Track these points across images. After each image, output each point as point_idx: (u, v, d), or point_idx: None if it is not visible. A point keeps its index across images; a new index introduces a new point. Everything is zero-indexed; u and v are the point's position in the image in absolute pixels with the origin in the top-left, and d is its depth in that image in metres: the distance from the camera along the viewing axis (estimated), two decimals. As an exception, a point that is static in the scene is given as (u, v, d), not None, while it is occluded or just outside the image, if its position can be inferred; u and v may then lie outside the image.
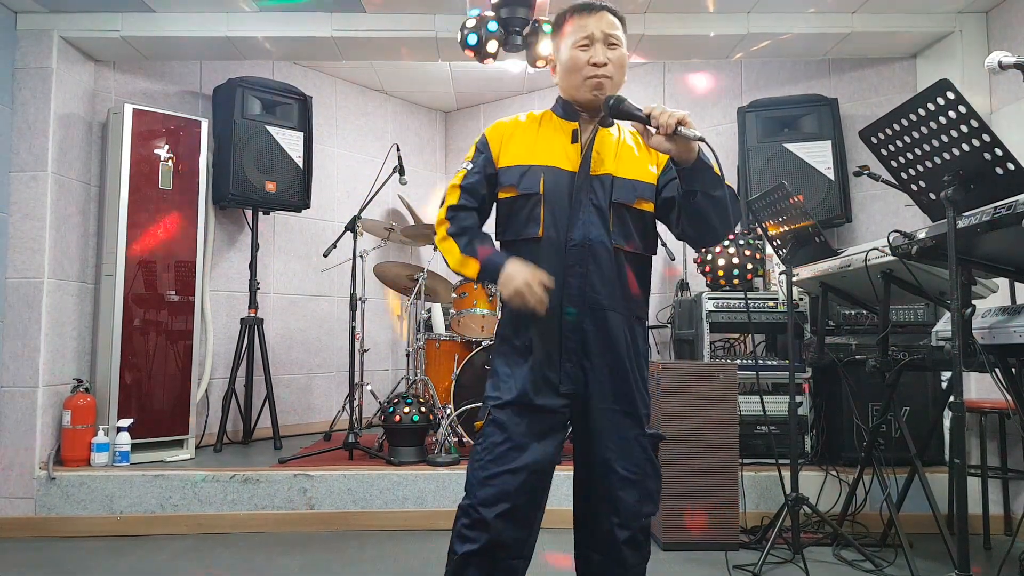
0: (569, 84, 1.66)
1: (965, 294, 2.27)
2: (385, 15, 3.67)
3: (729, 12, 3.64)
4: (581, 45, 1.62)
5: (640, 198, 1.64)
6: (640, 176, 1.66)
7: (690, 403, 2.97)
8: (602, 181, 1.63)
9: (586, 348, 1.61)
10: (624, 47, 1.65)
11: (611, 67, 1.61)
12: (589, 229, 1.61)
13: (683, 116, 1.43)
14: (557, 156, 1.65)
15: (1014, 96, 3.39)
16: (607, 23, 1.63)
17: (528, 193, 1.64)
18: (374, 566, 2.83)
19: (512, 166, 1.68)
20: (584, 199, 1.62)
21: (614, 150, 1.66)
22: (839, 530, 2.90)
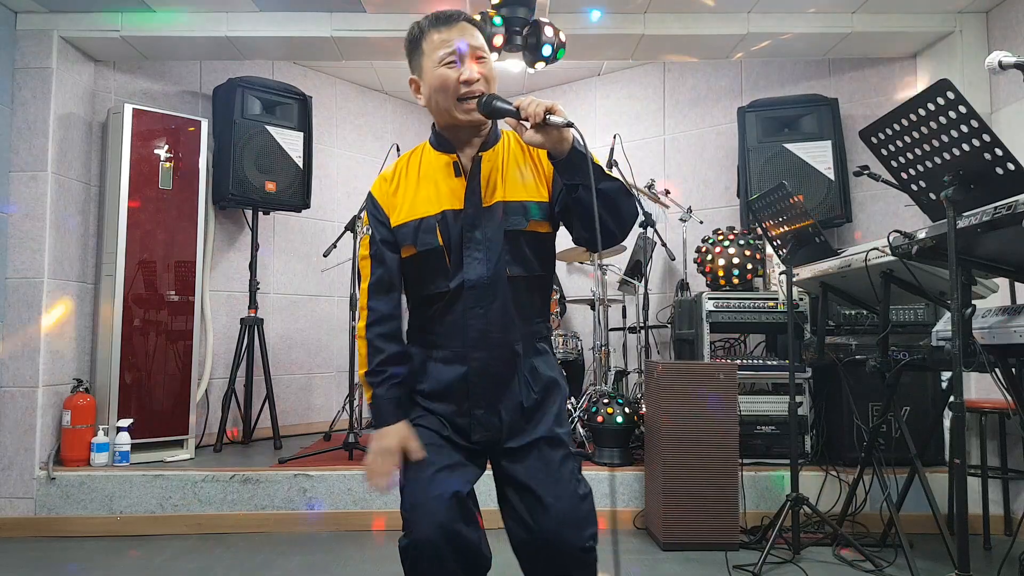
0: (440, 106, 1.51)
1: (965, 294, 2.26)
2: (385, 15, 3.67)
3: (729, 12, 3.64)
4: (447, 62, 1.48)
5: (533, 220, 1.52)
6: (531, 196, 1.53)
7: (690, 403, 2.97)
8: (492, 211, 1.52)
9: (496, 390, 1.52)
10: (491, 59, 1.53)
11: (483, 82, 1.48)
12: (484, 266, 1.50)
13: (551, 105, 1.35)
14: (444, 198, 1.53)
15: (1014, 96, 3.39)
16: (471, 35, 1.50)
17: (426, 250, 1.52)
18: (374, 566, 2.83)
19: (405, 223, 1.55)
20: (478, 235, 1.51)
21: (501, 173, 1.54)
22: (839, 530, 2.90)
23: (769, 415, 3.47)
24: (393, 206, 1.57)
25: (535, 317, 1.59)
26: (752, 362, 3.53)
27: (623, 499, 3.36)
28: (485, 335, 1.51)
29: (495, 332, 1.52)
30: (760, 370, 3.51)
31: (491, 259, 1.51)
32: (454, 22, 1.51)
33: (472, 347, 1.52)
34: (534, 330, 1.58)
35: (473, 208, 1.52)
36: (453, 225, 1.52)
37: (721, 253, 3.75)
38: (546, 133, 1.36)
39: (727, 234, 3.81)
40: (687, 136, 4.89)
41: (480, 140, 1.57)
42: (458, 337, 1.52)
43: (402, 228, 1.55)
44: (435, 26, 1.52)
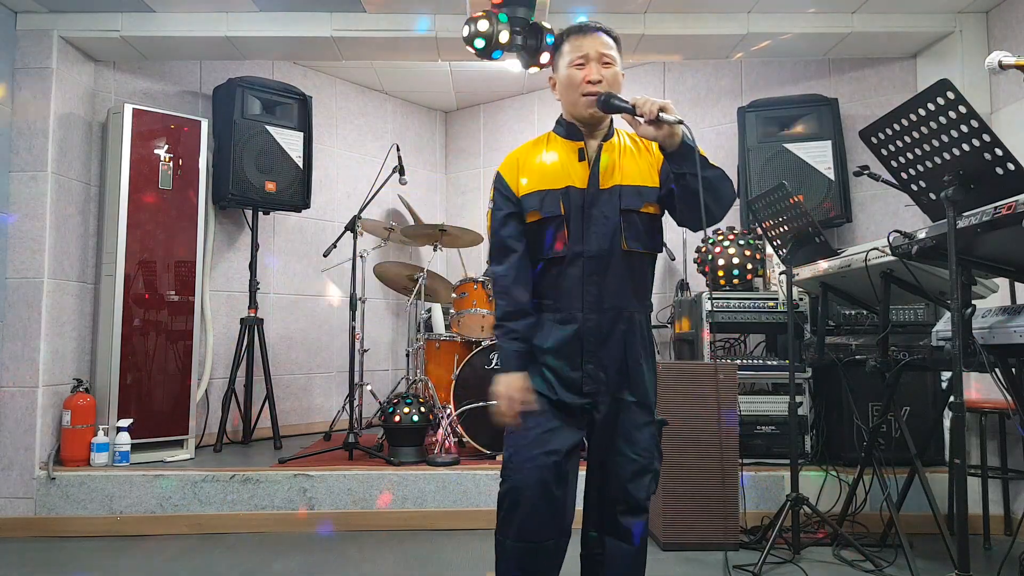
0: (567, 101, 1.80)
1: (965, 294, 2.26)
2: (385, 15, 3.67)
3: (729, 12, 3.64)
4: (577, 64, 1.75)
5: (646, 202, 1.76)
6: (644, 181, 1.77)
7: (690, 403, 2.97)
8: (611, 192, 1.75)
9: (605, 349, 1.74)
10: (618, 66, 1.77)
11: (604, 84, 1.72)
12: (603, 239, 1.74)
13: (664, 103, 1.57)
14: (569, 176, 1.77)
15: (1014, 96, 3.39)
16: (601, 43, 1.76)
17: (550, 215, 1.76)
18: (374, 566, 2.83)
19: (531, 192, 1.79)
20: (596, 212, 1.74)
21: (618, 161, 1.78)
22: (839, 530, 2.90)
23: (769, 415, 3.47)
24: (519, 180, 1.81)
25: (644, 291, 1.82)
26: (752, 362, 3.53)
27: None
28: (599, 300, 1.74)
29: (608, 298, 1.74)
30: (760, 370, 3.51)
31: (608, 234, 1.73)
32: (589, 32, 1.77)
33: (588, 310, 1.74)
34: (643, 303, 1.81)
35: (594, 188, 1.76)
36: (575, 200, 1.75)
37: (721, 253, 3.75)
38: (659, 128, 1.58)
39: (727, 234, 3.81)
40: (687, 136, 4.88)
41: (601, 133, 1.82)
42: (577, 300, 1.74)
43: (529, 197, 1.78)
44: (573, 34, 1.79)
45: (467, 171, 6.00)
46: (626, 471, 1.75)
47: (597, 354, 1.74)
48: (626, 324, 1.75)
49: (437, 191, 6.04)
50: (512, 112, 5.76)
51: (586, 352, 1.73)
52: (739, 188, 4.25)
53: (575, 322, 1.74)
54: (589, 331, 1.73)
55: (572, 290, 1.74)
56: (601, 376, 1.74)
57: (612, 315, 1.74)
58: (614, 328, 1.74)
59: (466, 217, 5.82)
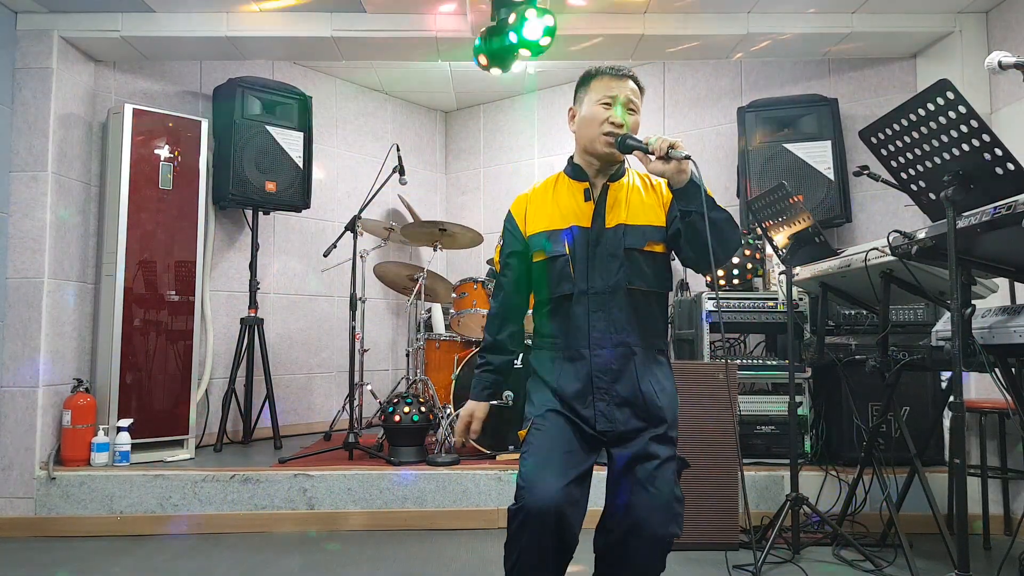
0: (585, 135, 1.83)
1: (965, 294, 2.26)
2: (385, 15, 3.67)
3: (729, 12, 3.64)
4: (604, 103, 1.80)
5: (650, 241, 1.79)
6: (649, 221, 1.80)
7: (690, 403, 2.96)
8: (615, 231, 1.79)
9: (617, 385, 1.75)
10: (639, 115, 1.84)
11: (625, 129, 1.78)
12: (607, 277, 1.77)
13: (674, 141, 1.63)
14: (575, 216, 1.82)
15: (1014, 96, 3.39)
16: (631, 90, 1.82)
17: (556, 255, 1.81)
18: (374, 566, 2.83)
19: (538, 232, 1.85)
20: (601, 251, 1.78)
21: (624, 201, 1.82)
22: (839, 530, 2.90)
23: (769, 415, 3.47)
24: (531, 220, 1.88)
25: (652, 327, 1.82)
26: (752, 362, 3.53)
27: (623, 499, 3.35)
28: (606, 335, 1.76)
29: (615, 334, 1.76)
30: (760, 370, 3.51)
31: (612, 271, 1.77)
32: (623, 77, 1.84)
33: (596, 345, 1.76)
34: (652, 341, 1.81)
35: (598, 227, 1.80)
36: (580, 239, 1.80)
37: (721, 253, 3.74)
38: (667, 163, 1.63)
39: (727, 234, 3.80)
40: (687, 136, 4.89)
41: (609, 173, 1.85)
42: (583, 337, 1.77)
43: (535, 237, 1.86)
44: (607, 74, 1.84)
45: (467, 171, 6.00)
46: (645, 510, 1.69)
47: (608, 391, 1.75)
48: (637, 360, 1.76)
49: (437, 191, 6.04)
50: (512, 112, 5.76)
51: (596, 389, 1.75)
52: (739, 188, 4.25)
53: (583, 359, 1.76)
54: (598, 367, 1.75)
55: (579, 327, 1.77)
56: (616, 415, 1.74)
57: (622, 351, 1.75)
58: (625, 364, 1.75)
59: (466, 217, 5.82)
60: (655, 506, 1.68)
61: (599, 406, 1.74)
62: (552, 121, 5.49)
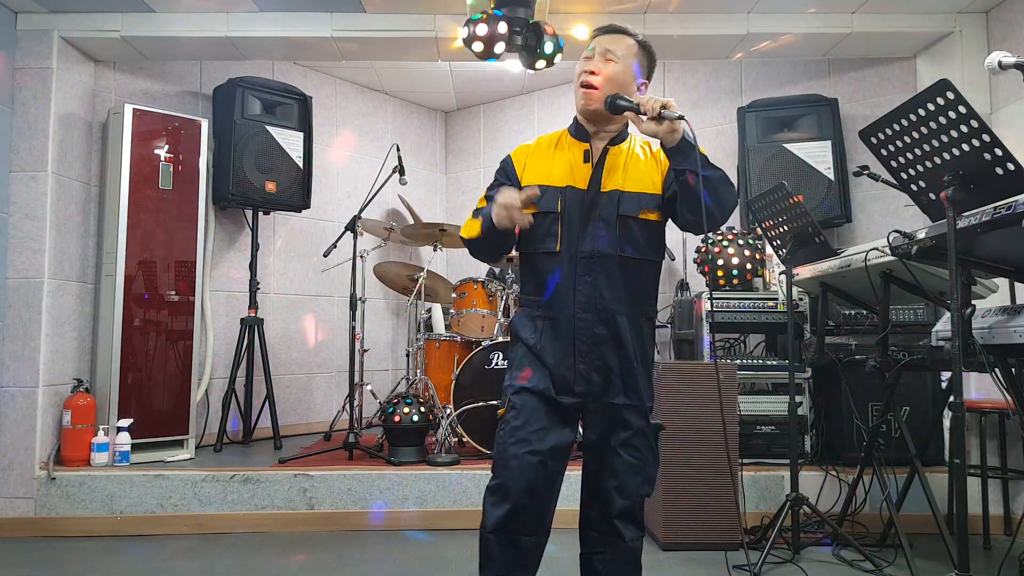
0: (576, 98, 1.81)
1: (965, 294, 2.26)
2: (385, 15, 3.67)
3: (729, 12, 3.64)
4: (585, 58, 1.80)
5: (645, 209, 1.77)
6: (645, 188, 1.78)
7: (690, 403, 2.97)
8: (611, 196, 1.77)
9: (597, 349, 1.75)
10: (625, 65, 1.78)
11: (599, 77, 1.75)
12: (598, 241, 1.75)
13: (667, 101, 1.60)
14: (572, 176, 1.80)
15: (1014, 96, 3.39)
16: (612, 40, 1.79)
17: (547, 211, 1.77)
18: (374, 566, 2.83)
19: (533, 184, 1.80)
20: (594, 214, 1.76)
21: (623, 166, 1.80)
22: (839, 530, 2.90)
23: (769, 415, 3.47)
24: (529, 170, 1.84)
25: (642, 297, 1.81)
26: (752, 362, 3.53)
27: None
28: (592, 300, 1.74)
29: (601, 300, 1.74)
30: (760, 370, 3.51)
31: (603, 236, 1.74)
32: (608, 32, 1.81)
33: (580, 309, 1.74)
34: (639, 309, 1.80)
35: (594, 190, 1.77)
36: (573, 200, 1.77)
37: (721, 253, 3.75)
38: (659, 123, 1.60)
39: (727, 234, 3.81)
40: (687, 136, 4.88)
41: (609, 136, 1.82)
42: (568, 299, 1.75)
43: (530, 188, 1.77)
44: (597, 33, 1.84)
45: (467, 171, 6.00)
46: (621, 474, 1.76)
47: (589, 355, 1.74)
48: (621, 327, 1.75)
49: (437, 191, 6.04)
50: (512, 112, 5.76)
51: (579, 352, 1.75)
52: (739, 188, 4.25)
53: (567, 321, 1.75)
54: (580, 331, 1.74)
55: (564, 288, 1.75)
56: (594, 377, 1.75)
57: (605, 317, 1.74)
58: (608, 330, 1.74)
59: (466, 217, 5.81)
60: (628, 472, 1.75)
61: (580, 367, 1.74)
62: (552, 121, 5.48)
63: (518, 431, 1.71)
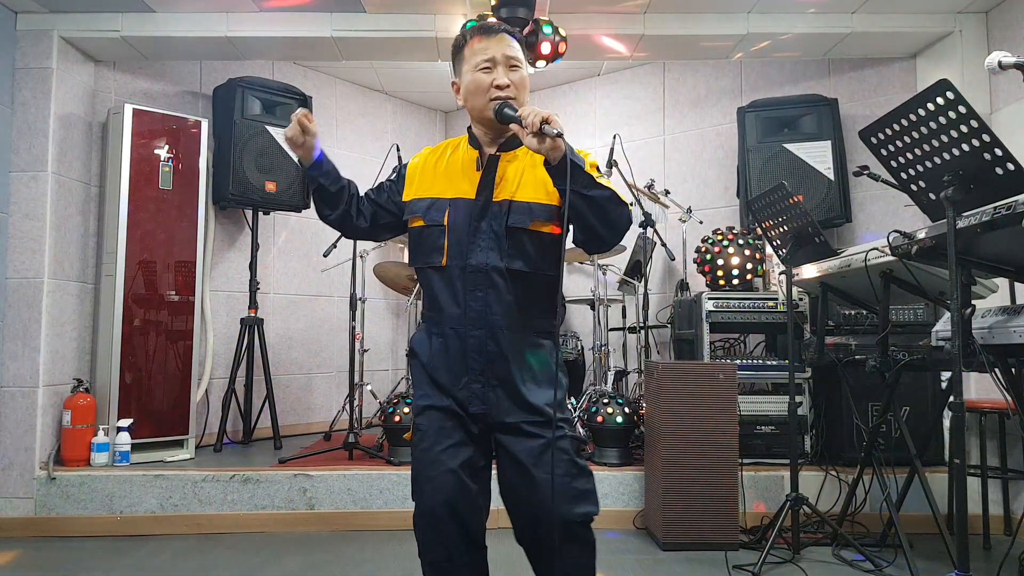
0: (474, 106, 1.71)
1: (965, 294, 2.26)
2: (385, 15, 3.67)
3: (729, 12, 3.64)
4: (483, 68, 1.67)
5: (536, 220, 1.65)
6: (538, 198, 1.66)
7: (690, 403, 2.97)
8: (500, 206, 1.66)
9: (491, 367, 1.65)
10: (524, 69, 1.70)
11: (513, 88, 1.65)
12: (487, 254, 1.65)
13: (548, 115, 1.47)
14: (461, 186, 1.70)
15: (1014, 96, 3.39)
16: (507, 45, 1.67)
17: (432, 224, 1.70)
18: (374, 566, 2.83)
19: (421, 198, 1.74)
20: (484, 225, 1.66)
21: (517, 175, 1.69)
22: (839, 530, 2.90)
23: (769, 415, 3.47)
24: (419, 182, 1.77)
25: (536, 310, 1.70)
26: (752, 362, 3.53)
27: (623, 499, 3.36)
28: (483, 316, 1.65)
29: (493, 316, 1.65)
30: (760, 370, 3.51)
31: (494, 249, 1.65)
32: (494, 33, 1.68)
33: (471, 325, 1.65)
34: (534, 322, 1.69)
35: (484, 200, 1.67)
36: (462, 211, 1.68)
37: (721, 253, 3.75)
38: (541, 140, 1.47)
39: (727, 234, 3.81)
40: (687, 136, 4.89)
41: (499, 142, 1.73)
42: (459, 316, 1.66)
43: (418, 202, 1.74)
44: (476, 35, 1.69)
45: (467, 171, 5.99)
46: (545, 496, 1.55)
47: (484, 373, 1.64)
48: (516, 343, 1.65)
49: (437, 191, 6.03)
50: (512, 112, 5.75)
51: (471, 369, 1.65)
52: (739, 188, 4.25)
53: (457, 337, 1.66)
54: (473, 348, 1.65)
55: (455, 304, 1.66)
56: (491, 397, 1.64)
57: (499, 332, 1.64)
58: (501, 346, 1.64)
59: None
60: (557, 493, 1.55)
61: (474, 387, 1.65)
62: (552, 121, 5.47)
63: (427, 452, 1.63)
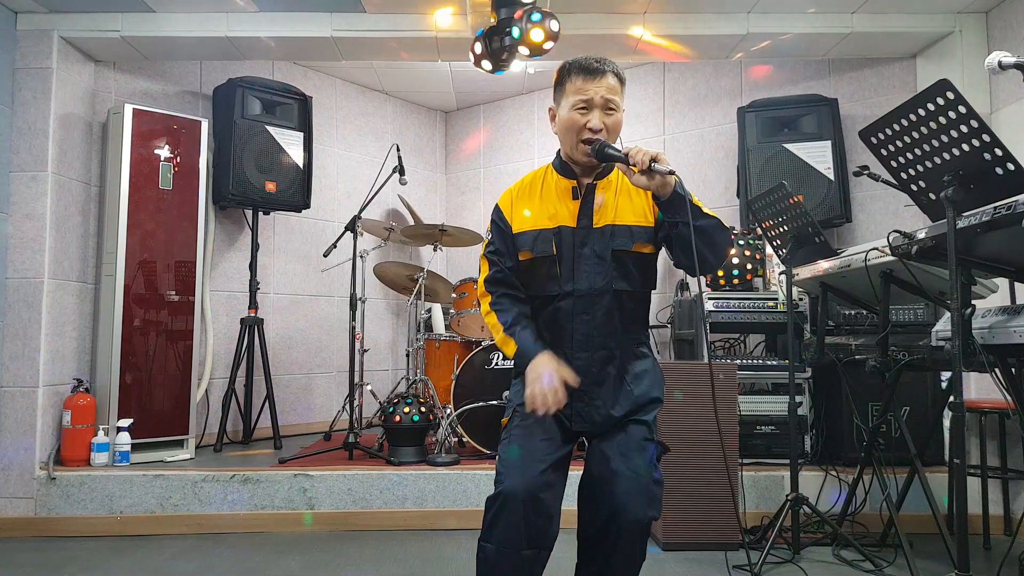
0: (565, 142, 1.77)
1: (965, 294, 2.26)
2: (385, 15, 3.67)
3: (729, 12, 3.64)
4: (580, 108, 1.71)
5: (637, 242, 1.74)
6: (637, 221, 1.75)
7: (690, 403, 2.97)
8: (603, 232, 1.74)
9: (598, 389, 1.73)
10: (620, 112, 1.74)
11: (605, 132, 1.70)
12: (593, 278, 1.73)
13: (656, 154, 1.55)
14: (562, 216, 1.76)
15: (1014, 96, 3.39)
16: (607, 87, 1.70)
17: (542, 256, 1.76)
18: (374, 566, 2.83)
19: (525, 231, 1.79)
20: (588, 251, 1.73)
21: (613, 200, 1.76)
22: (839, 530, 2.90)
23: (769, 415, 3.47)
24: (517, 215, 1.81)
25: (635, 326, 1.80)
26: (752, 362, 3.53)
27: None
28: (589, 338, 1.73)
29: (598, 336, 1.73)
30: (760, 370, 3.51)
31: (599, 273, 1.73)
32: (596, 75, 1.70)
33: (578, 348, 1.73)
34: (634, 337, 1.79)
35: (585, 228, 1.75)
36: (566, 239, 1.75)
37: (721, 253, 3.74)
38: (651, 178, 1.57)
39: (727, 234, 3.80)
40: (687, 136, 4.89)
41: (596, 171, 1.78)
42: (566, 339, 1.74)
43: (522, 236, 1.79)
44: (580, 73, 1.72)
45: (467, 171, 6.00)
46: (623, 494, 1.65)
47: (588, 393, 1.72)
48: (618, 363, 1.74)
49: (437, 191, 6.04)
50: (512, 112, 5.76)
51: (576, 392, 1.69)
52: (739, 188, 4.25)
53: (565, 361, 1.71)
54: (579, 371, 1.70)
55: (563, 328, 1.74)
56: (595, 418, 1.72)
57: (604, 354, 1.73)
58: (605, 367, 1.73)
59: (466, 217, 5.83)
60: (632, 490, 1.64)
61: (577, 407, 1.72)
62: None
63: (522, 441, 1.68)
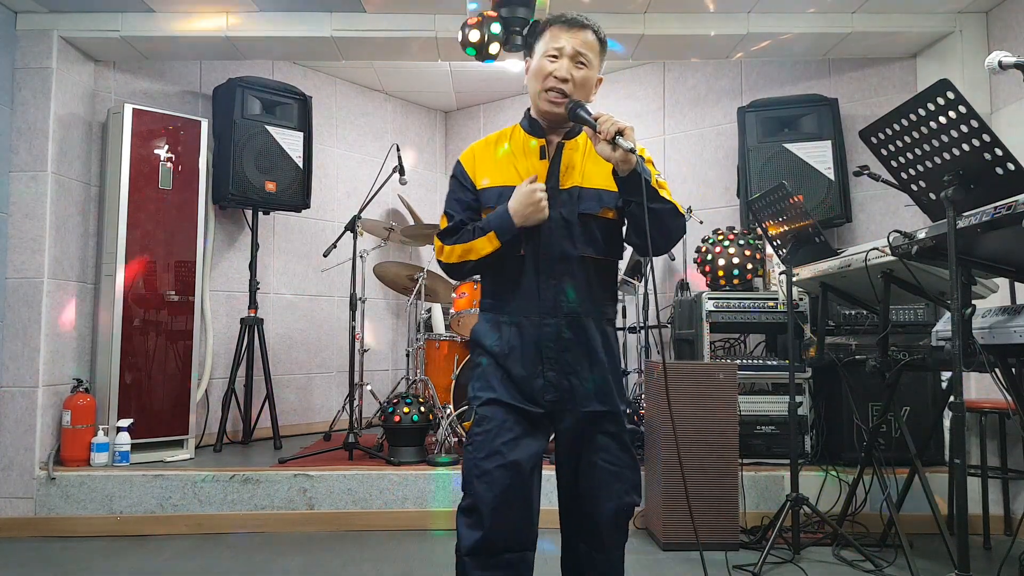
0: (531, 89, 1.72)
1: (965, 294, 2.26)
2: (385, 15, 3.67)
3: (729, 12, 3.64)
4: (550, 55, 1.67)
5: (605, 207, 1.68)
6: (605, 185, 1.67)
7: (690, 403, 2.97)
8: (570, 193, 1.68)
9: (565, 355, 1.67)
10: (593, 68, 1.69)
11: (571, 85, 1.65)
12: (561, 242, 1.66)
13: (624, 127, 1.52)
14: (528, 174, 1.69)
15: (1014, 96, 3.39)
16: (582, 41, 1.66)
17: None
18: (374, 566, 2.83)
19: (489, 188, 1.72)
20: (554, 213, 1.65)
21: (580, 162, 1.71)
22: (839, 530, 2.90)
23: (769, 415, 3.47)
24: (481, 172, 1.74)
25: (603, 297, 1.73)
26: (752, 362, 3.53)
27: (623, 499, 3.35)
28: (557, 304, 1.66)
29: (567, 303, 1.67)
30: (760, 370, 3.51)
31: (566, 236, 1.66)
32: (572, 25, 1.67)
33: (546, 314, 1.66)
34: (601, 310, 1.72)
35: (552, 188, 1.67)
36: None
37: (721, 253, 3.75)
38: (614, 150, 1.53)
39: (727, 234, 3.81)
40: (687, 136, 4.89)
41: (564, 131, 1.73)
42: (533, 304, 1.67)
43: (486, 192, 1.72)
44: (557, 23, 1.69)
45: (467, 171, 5.99)
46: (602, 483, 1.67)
47: (559, 360, 1.66)
48: (589, 331, 1.67)
49: (437, 191, 6.03)
50: (512, 112, 5.76)
51: (546, 359, 1.66)
52: (739, 188, 4.25)
53: (532, 326, 1.66)
54: (547, 336, 1.65)
55: (528, 293, 1.67)
56: (565, 384, 1.66)
57: (572, 320, 1.66)
58: (575, 335, 1.66)
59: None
60: (606, 479, 1.65)
61: (549, 375, 1.65)
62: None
63: (487, 444, 1.61)
